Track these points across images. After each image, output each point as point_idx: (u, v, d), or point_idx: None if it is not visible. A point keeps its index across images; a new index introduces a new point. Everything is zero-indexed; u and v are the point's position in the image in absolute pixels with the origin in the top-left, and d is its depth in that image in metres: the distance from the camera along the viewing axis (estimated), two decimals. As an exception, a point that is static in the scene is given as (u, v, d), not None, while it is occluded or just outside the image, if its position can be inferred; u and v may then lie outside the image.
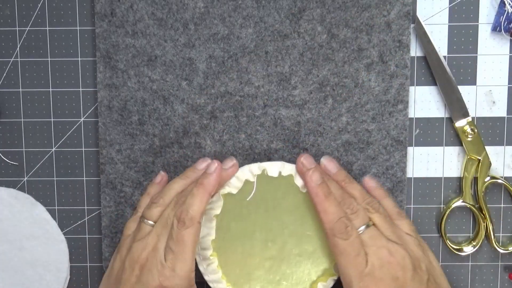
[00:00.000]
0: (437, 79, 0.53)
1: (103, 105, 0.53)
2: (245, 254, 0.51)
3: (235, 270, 0.51)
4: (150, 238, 0.47)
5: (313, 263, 0.51)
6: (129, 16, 0.52)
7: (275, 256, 0.51)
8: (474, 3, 0.52)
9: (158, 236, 0.47)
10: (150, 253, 0.46)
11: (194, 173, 0.51)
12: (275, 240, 0.51)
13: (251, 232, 0.51)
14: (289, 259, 0.51)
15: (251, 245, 0.51)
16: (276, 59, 0.52)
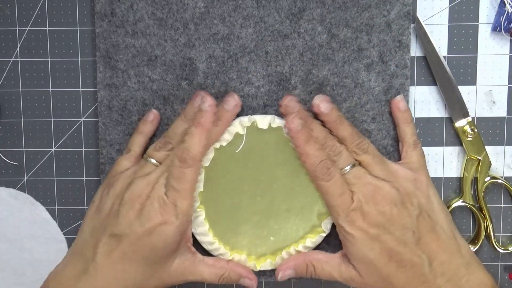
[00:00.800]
0: (437, 79, 0.53)
1: (103, 105, 0.53)
2: (233, 207, 0.51)
3: (222, 224, 0.52)
4: (154, 175, 0.48)
5: (301, 219, 0.51)
6: (129, 16, 0.52)
7: (263, 210, 0.51)
8: (474, 3, 0.52)
9: (161, 174, 0.48)
10: (153, 189, 0.47)
11: (193, 110, 0.50)
12: (263, 194, 0.51)
13: (240, 185, 0.51)
14: (278, 215, 0.51)
15: (239, 198, 0.51)
16: (276, 59, 0.52)
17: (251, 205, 0.51)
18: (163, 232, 0.46)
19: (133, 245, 0.46)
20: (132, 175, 0.49)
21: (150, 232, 0.46)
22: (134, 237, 0.46)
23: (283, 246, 0.52)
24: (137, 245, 0.46)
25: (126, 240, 0.46)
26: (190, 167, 0.47)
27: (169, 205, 0.46)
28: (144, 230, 0.46)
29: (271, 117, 0.50)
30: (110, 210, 0.48)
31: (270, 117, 0.50)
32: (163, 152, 0.49)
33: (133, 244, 0.46)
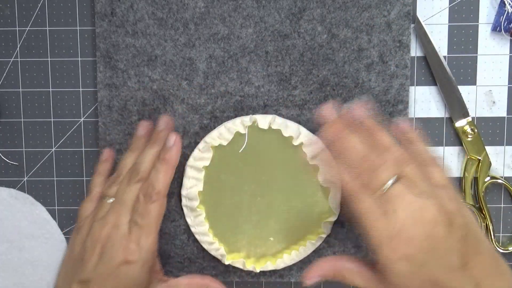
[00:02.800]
0: (437, 79, 0.53)
1: (103, 105, 0.53)
2: (233, 207, 0.51)
3: (222, 224, 0.52)
4: (110, 216, 0.47)
5: (301, 220, 0.51)
6: (129, 15, 0.52)
7: (263, 211, 0.51)
8: (474, 3, 0.52)
9: (117, 213, 0.47)
10: (111, 230, 0.46)
11: (140, 142, 0.50)
12: (263, 194, 0.51)
13: (240, 185, 0.51)
14: (278, 215, 0.51)
15: (239, 198, 0.51)
16: (276, 59, 0.52)
17: (251, 205, 0.51)
18: (128, 271, 0.45)
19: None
20: (92, 219, 0.48)
21: (114, 273, 0.45)
22: (100, 280, 0.45)
23: (283, 247, 0.52)
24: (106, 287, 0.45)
25: (93, 285, 0.45)
26: (155, 202, 0.46)
27: (132, 243, 0.46)
28: (108, 272, 0.45)
29: (272, 117, 0.51)
30: (77, 255, 0.47)
31: (271, 117, 0.51)
32: (115, 187, 0.49)
33: (101, 287, 0.45)
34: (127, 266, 0.45)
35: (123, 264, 0.45)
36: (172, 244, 0.54)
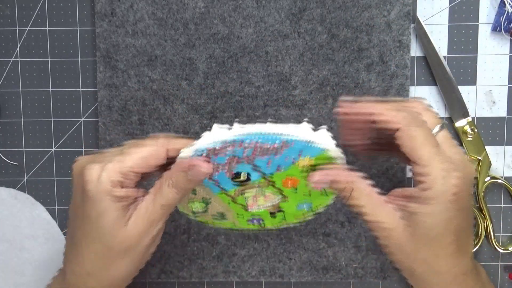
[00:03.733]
0: (437, 79, 0.53)
1: (103, 105, 0.53)
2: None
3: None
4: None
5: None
6: (129, 16, 0.52)
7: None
8: (474, 3, 0.53)
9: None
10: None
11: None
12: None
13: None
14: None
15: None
16: (276, 59, 0.52)
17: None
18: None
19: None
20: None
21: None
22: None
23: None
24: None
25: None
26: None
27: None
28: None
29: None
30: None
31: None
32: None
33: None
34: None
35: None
36: (172, 244, 0.54)
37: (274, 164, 0.40)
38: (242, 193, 0.43)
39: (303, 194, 0.44)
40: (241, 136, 0.38)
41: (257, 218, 0.46)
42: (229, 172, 0.41)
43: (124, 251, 0.42)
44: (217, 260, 0.54)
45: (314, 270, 0.55)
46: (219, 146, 0.39)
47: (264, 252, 0.54)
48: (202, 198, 0.43)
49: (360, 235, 0.54)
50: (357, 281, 0.55)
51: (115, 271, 0.42)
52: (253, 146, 0.39)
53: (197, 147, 0.39)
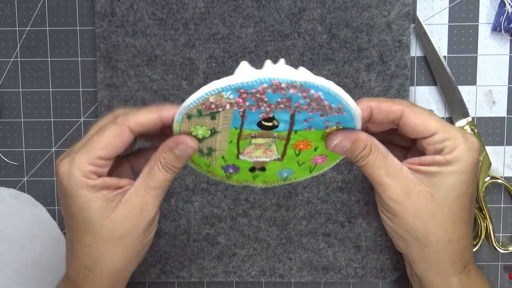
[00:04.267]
0: (437, 79, 0.53)
1: (103, 105, 0.53)
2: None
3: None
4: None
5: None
6: (129, 16, 0.52)
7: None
8: (474, 3, 0.53)
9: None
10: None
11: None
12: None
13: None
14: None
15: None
16: (276, 59, 0.52)
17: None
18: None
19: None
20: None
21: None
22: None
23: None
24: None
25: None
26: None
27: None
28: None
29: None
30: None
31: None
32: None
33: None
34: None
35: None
36: (172, 244, 0.54)
37: (311, 123, 0.40)
38: (253, 137, 0.42)
39: (296, 162, 0.44)
40: (311, 83, 0.37)
41: (233, 167, 0.45)
42: (266, 113, 0.40)
43: (116, 239, 0.41)
44: (217, 260, 0.55)
45: (314, 270, 0.55)
46: (284, 84, 0.37)
47: (264, 252, 0.54)
48: (212, 127, 0.41)
49: (360, 235, 0.54)
50: (357, 281, 0.55)
51: (112, 262, 0.42)
52: (314, 98, 0.38)
53: (263, 76, 0.37)
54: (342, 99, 0.38)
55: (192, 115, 0.39)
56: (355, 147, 0.41)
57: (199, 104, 0.38)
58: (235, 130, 0.41)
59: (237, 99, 0.38)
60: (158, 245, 0.54)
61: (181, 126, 0.40)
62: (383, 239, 0.54)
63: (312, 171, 0.45)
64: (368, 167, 0.42)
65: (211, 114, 0.39)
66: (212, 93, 0.38)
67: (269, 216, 0.54)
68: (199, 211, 0.54)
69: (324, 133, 0.41)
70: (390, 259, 0.54)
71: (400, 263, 0.54)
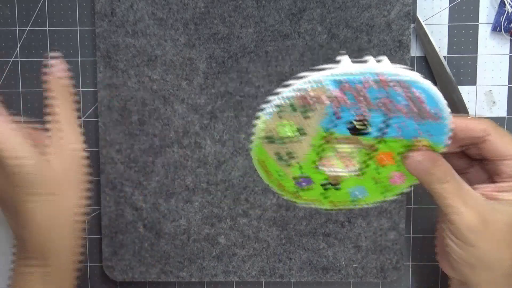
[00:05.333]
0: (437, 79, 0.53)
1: (103, 105, 0.53)
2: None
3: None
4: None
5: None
6: (129, 16, 0.52)
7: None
8: (474, 3, 0.53)
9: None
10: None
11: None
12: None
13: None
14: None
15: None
16: (276, 59, 0.52)
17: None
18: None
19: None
20: None
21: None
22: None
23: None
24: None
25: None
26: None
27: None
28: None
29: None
30: None
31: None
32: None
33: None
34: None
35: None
36: (172, 244, 0.54)
37: (404, 130, 0.37)
38: (340, 143, 0.38)
39: (373, 179, 0.41)
40: (418, 83, 0.34)
41: (306, 179, 0.41)
42: (362, 112, 0.36)
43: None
44: (217, 260, 0.55)
45: (314, 270, 0.55)
46: (390, 80, 0.34)
47: (264, 252, 0.54)
48: (300, 125, 0.37)
49: (360, 235, 0.54)
50: (357, 281, 0.55)
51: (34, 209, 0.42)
52: (416, 99, 0.35)
53: (370, 69, 0.34)
54: (442, 104, 0.36)
55: (283, 111, 0.36)
56: (433, 170, 0.40)
57: (296, 96, 0.35)
58: (322, 132, 0.37)
59: (337, 93, 0.35)
60: (158, 245, 0.54)
61: (267, 123, 0.36)
62: (383, 239, 0.54)
63: (386, 193, 0.42)
64: (444, 194, 0.40)
65: (304, 110, 0.36)
66: (313, 84, 0.35)
67: (269, 216, 0.54)
68: (199, 211, 0.54)
69: (411, 146, 0.39)
70: (390, 259, 0.54)
71: (400, 263, 0.54)
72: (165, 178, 0.54)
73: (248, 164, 0.53)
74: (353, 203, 0.43)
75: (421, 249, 0.55)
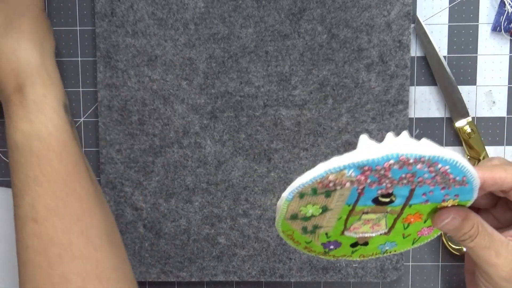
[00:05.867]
0: (437, 79, 0.53)
1: (103, 105, 0.53)
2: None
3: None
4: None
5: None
6: (129, 16, 0.52)
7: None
8: (474, 3, 0.53)
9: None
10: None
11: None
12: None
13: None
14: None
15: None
16: (276, 59, 0.52)
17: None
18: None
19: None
20: None
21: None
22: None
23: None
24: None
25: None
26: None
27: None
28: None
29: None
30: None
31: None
32: None
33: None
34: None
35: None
36: (172, 244, 0.54)
37: (430, 196, 0.38)
38: (365, 213, 0.39)
39: (401, 234, 0.42)
40: (440, 157, 0.35)
41: (334, 243, 0.42)
42: (386, 189, 0.37)
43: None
44: (217, 260, 0.55)
45: (314, 270, 0.55)
46: (412, 159, 0.35)
47: (264, 252, 0.54)
48: (324, 205, 0.38)
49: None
50: (357, 281, 0.55)
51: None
52: (440, 172, 0.36)
53: (391, 152, 0.35)
54: (468, 171, 0.36)
55: (305, 194, 0.36)
56: (463, 225, 0.39)
57: (315, 182, 0.36)
58: (347, 207, 0.38)
59: (359, 176, 0.35)
60: (158, 245, 0.54)
61: (289, 205, 0.37)
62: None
63: (415, 242, 0.43)
64: (477, 249, 0.40)
65: (326, 192, 0.37)
66: (333, 171, 0.35)
67: (269, 216, 0.54)
68: (199, 211, 0.54)
69: (438, 206, 0.39)
70: (390, 259, 0.54)
71: (400, 263, 0.54)
72: (165, 178, 0.54)
73: (248, 164, 0.53)
74: (382, 254, 0.44)
75: (421, 249, 0.55)
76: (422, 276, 0.56)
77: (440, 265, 0.55)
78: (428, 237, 0.43)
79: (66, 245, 0.43)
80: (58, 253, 0.43)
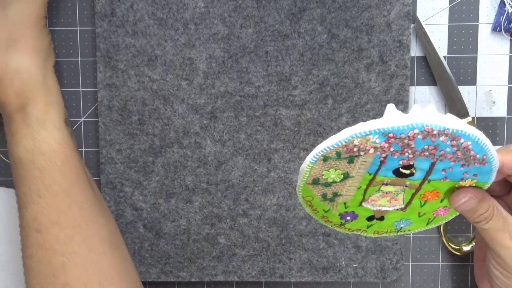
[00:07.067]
0: (437, 79, 0.53)
1: (103, 105, 0.53)
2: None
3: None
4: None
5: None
6: (129, 16, 0.52)
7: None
8: (474, 3, 0.53)
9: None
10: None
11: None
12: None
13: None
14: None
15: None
16: (276, 59, 0.52)
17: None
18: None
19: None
20: None
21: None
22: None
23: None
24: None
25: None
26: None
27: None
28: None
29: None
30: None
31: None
32: None
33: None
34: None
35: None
36: (172, 244, 0.54)
37: (449, 173, 0.38)
38: (385, 185, 0.39)
39: (417, 212, 0.42)
40: (463, 132, 0.35)
41: (351, 214, 0.42)
42: (407, 160, 0.37)
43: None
44: (217, 260, 0.55)
45: (314, 270, 0.55)
46: (436, 130, 0.35)
47: (264, 252, 0.54)
48: (346, 171, 0.38)
49: (360, 235, 0.54)
50: (357, 281, 0.55)
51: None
52: (462, 147, 0.36)
53: (416, 121, 0.35)
54: (489, 149, 0.37)
55: (329, 158, 0.37)
56: (479, 207, 0.40)
57: (341, 146, 0.36)
58: (368, 176, 0.39)
59: (383, 143, 0.36)
60: (158, 245, 0.54)
61: (312, 168, 0.38)
62: (383, 239, 0.54)
63: (430, 223, 0.43)
64: (491, 231, 0.40)
65: (349, 158, 0.37)
66: (358, 136, 0.36)
67: (269, 216, 0.54)
68: (199, 211, 0.54)
69: (456, 185, 0.40)
70: (390, 259, 0.54)
71: (400, 263, 0.54)
72: (165, 178, 0.54)
73: (248, 164, 0.53)
74: (396, 232, 0.44)
75: (421, 249, 0.55)
76: (422, 276, 0.56)
77: (440, 265, 0.55)
78: (443, 219, 0.43)
79: (68, 254, 0.44)
80: (61, 262, 0.44)
